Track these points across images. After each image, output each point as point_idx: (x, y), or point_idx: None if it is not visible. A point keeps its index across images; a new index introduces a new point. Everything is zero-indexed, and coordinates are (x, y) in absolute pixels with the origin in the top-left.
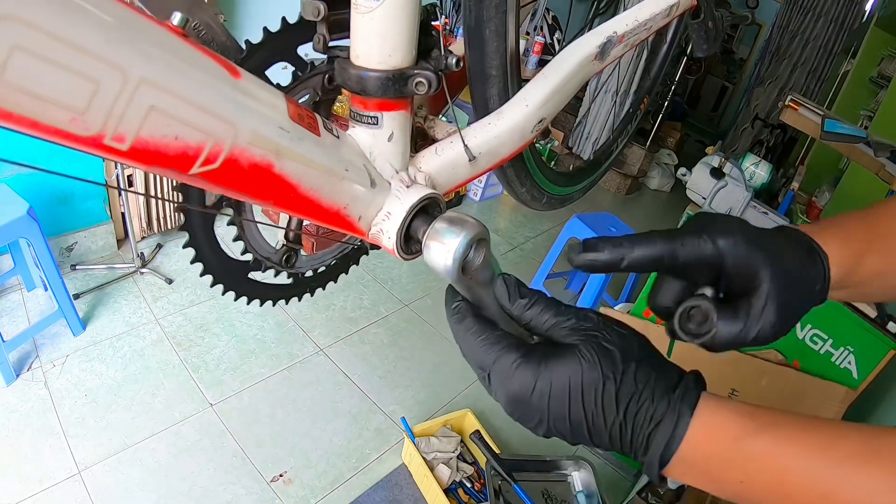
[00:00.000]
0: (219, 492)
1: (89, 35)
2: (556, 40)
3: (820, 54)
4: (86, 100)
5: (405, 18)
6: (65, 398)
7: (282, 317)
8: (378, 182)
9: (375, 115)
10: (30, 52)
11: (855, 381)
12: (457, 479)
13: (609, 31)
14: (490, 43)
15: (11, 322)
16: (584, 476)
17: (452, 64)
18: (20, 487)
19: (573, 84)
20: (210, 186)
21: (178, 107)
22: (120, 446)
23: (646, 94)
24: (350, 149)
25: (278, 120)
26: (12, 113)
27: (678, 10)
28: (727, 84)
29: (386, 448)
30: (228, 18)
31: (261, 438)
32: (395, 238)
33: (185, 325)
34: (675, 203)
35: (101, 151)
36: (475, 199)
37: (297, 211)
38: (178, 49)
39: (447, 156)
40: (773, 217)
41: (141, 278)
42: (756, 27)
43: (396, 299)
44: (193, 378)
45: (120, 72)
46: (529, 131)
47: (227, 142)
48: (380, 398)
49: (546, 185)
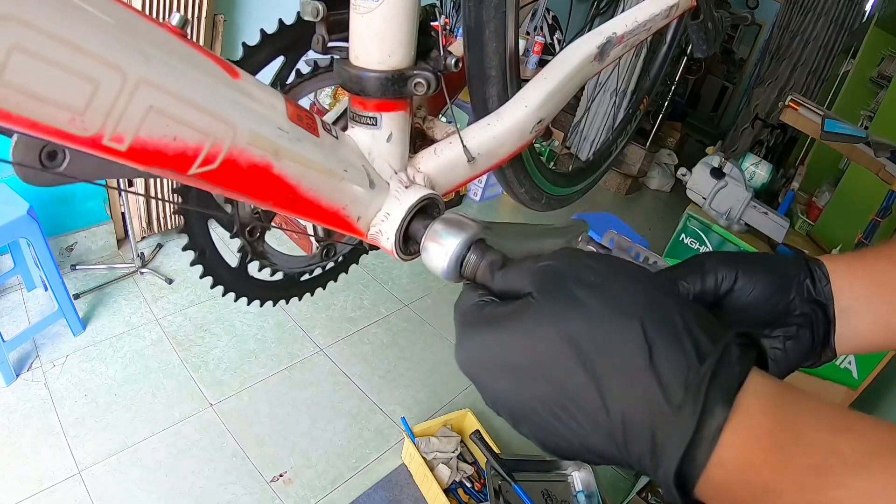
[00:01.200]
0: (219, 492)
1: (88, 35)
2: (556, 40)
3: (820, 54)
4: (85, 100)
5: (404, 19)
6: (65, 398)
7: (282, 317)
8: (377, 183)
9: (374, 115)
10: (29, 53)
11: (855, 381)
12: (457, 479)
13: (609, 31)
14: (489, 43)
15: (11, 322)
16: (584, 476)
17: (451, 64)
18: (20, 487)
19: (572, 85)
20: (209, 187)
21: (177, 107)
22: (120, 446)
23: (645, 94)
24: (349, 149)
25: (277, 120)
26: (11, 113)
27: (677, 10)
28: (727, 84)
29: (386, 448)
30: (228, 18)
31: (261, 438)
32: (394, 239)
33: (185, 325)
34: (675, 203)
35: (99, 151)
36: (475, 199)
37: (296, 211)
38: (177, 49)
39: (446, 156)
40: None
41: (141, 278)
42: (756, 27)
43: (396, 299)
44: (193, 378)
45: (119, 72)
46: (528, 132)
47: (226, 142)
48: (380, 398)
49: (545, 186)
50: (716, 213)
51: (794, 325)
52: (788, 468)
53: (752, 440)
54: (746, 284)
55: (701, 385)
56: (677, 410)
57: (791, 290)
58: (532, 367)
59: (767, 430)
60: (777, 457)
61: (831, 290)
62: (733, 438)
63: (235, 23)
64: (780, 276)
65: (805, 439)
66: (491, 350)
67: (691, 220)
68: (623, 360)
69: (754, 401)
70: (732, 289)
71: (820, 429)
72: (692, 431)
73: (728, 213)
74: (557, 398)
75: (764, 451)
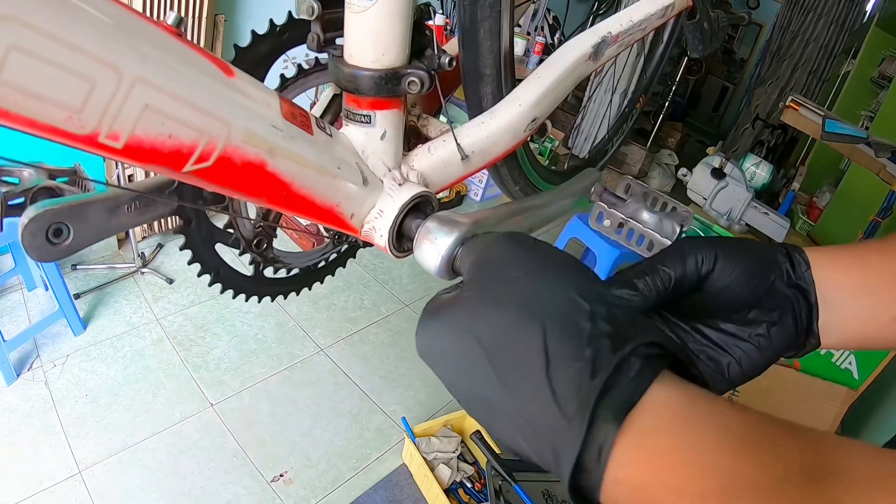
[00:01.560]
0: (219, 492)
1: (85, 35)
2: (556, 40)
3: (821, 55)
4: (81, 99)
5: (398, 18)
6: (65, 398)
7: (282, 317)
8: (370, 180)
9: (368, 113)
10: (26, 52)
11: (855, 381)
12: (457, 479)
13: (604, 31)
14: (484, 42)
15: (12, 322)
16: None
17: (445, 63)
18: (20, 487)
19: (567, 84)
20: (204, 184)
21: (172, 105)
22: (120, 446)
23: (642, 93)
24: (343, 147)
25: (271, 118)
26: (9, 111)
27: (673, 10)
28: (728, 84)
29: (386, 448)
30: (229, 18)
31: (261, 438)
32: (387, 236)
33: (185, 324)
34: None
35: (96, 149)
36: (476, 198)
37: (290, 208)
38: (173, 48)
39: (440, 154)
40: (774, 217)
41: (142, 278)
42: (757, 27)
43: (397, 299)
44: (194, 378)
45: (115, 71)
46: (522, 130)
47: (221, 140)
48: (380, 398)
49: (540, 184)
50: (716, 214)
51: (776, 309)
52: (685, 492)
53: (647, 460)
54: (726, 266)
55: (589, 400)
56: (569, 422)
57: (771, 272)
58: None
59: (665, 450)
60: (673, 480)
61: (812, 276)
62: (626, 457)
63: (236, 22)
64: (759, 258)
65: (707, 461)
66: (428, 338)
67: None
68: (525, 366)
69: (650, 418)
70: (712, 270)
71: (725, 449)
72: (579, 447)
73: (729, 213)
74: (478, 392)
75: (660, 472)
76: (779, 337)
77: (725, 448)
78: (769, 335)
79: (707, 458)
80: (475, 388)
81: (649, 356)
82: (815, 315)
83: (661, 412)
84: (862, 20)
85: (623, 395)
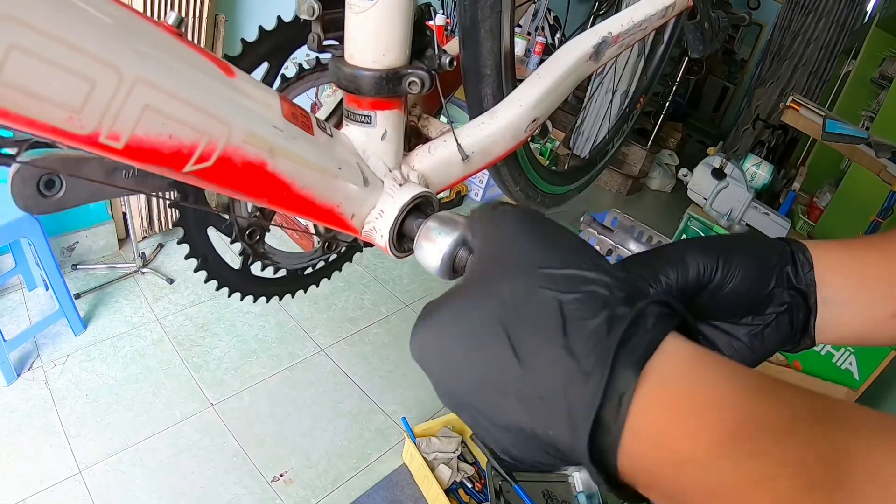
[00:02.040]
0: (219, 492)
1: (85, 35)
2: (557, 41)
3: (821, 55)
4: (82, 99)
5: (399, 18)
6: (66, 398)
7: (283, 317)
8: (371, 180)
9: (369, 113)
10: (27, 52)
11: (856, 381)
12: (457, 479)
13: (604, 31)
14: (485, 42)
15: (12, 321)
16: (586, 476)
17: (446, 63)
18: (21, 487)
19: (568, 84)
20: (204, 184)
21: (173, 106)
22: (121, 446)
23: (643, 93)
24: (343, 147)
25: (272, 119)
26: (9, 111)
27: (674, 10)
28: (728, 84)
29: (387, 448)
30: (229, 18)
31: (261, 438)
32: (388, 236)
33: (186, 324)
34: (676, 204)
35: (96, 149)
36: (476, 198)
37: (290, 209)
38: (173, 48)
39: (440, 154)
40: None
41: (142, 278)
42: (757, 28)
43: (397, 299)
44: (194, 378)
45: (115, 71)
46: (523, 130)
47: (221, 140)
48: (381, 398)
49: (540, 184)
50: (717, 214)
51: (773, 312)
52: (703, 435)
53: (665, 407)
54: (727, 274)
55: (609, 351)
56: (587, 377)
57: (771, 278)
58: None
59: (682, 395)
60: (692, 423)
61: (814, 276)
62: (646, 406)
63: (237, 22)
64: (760, 264)
65: (723, 404)
66: (427, 334)
67: (692, 220)
68: (542, 329)
69: (669, 366)
70: (713, 278)
71: (738, 394)
72: (600, 397)
73: (729, 213)
74: (482, 375)
75: (678, 417)
76: (772, 337)
77: (738, 392)
78: (762, 336)
79: (723, 401)
80: (479, 372)
81: (662, 314)
82: (813, 316)
83: (677, 361)
84: (862, 20)
85: (641, 345)
